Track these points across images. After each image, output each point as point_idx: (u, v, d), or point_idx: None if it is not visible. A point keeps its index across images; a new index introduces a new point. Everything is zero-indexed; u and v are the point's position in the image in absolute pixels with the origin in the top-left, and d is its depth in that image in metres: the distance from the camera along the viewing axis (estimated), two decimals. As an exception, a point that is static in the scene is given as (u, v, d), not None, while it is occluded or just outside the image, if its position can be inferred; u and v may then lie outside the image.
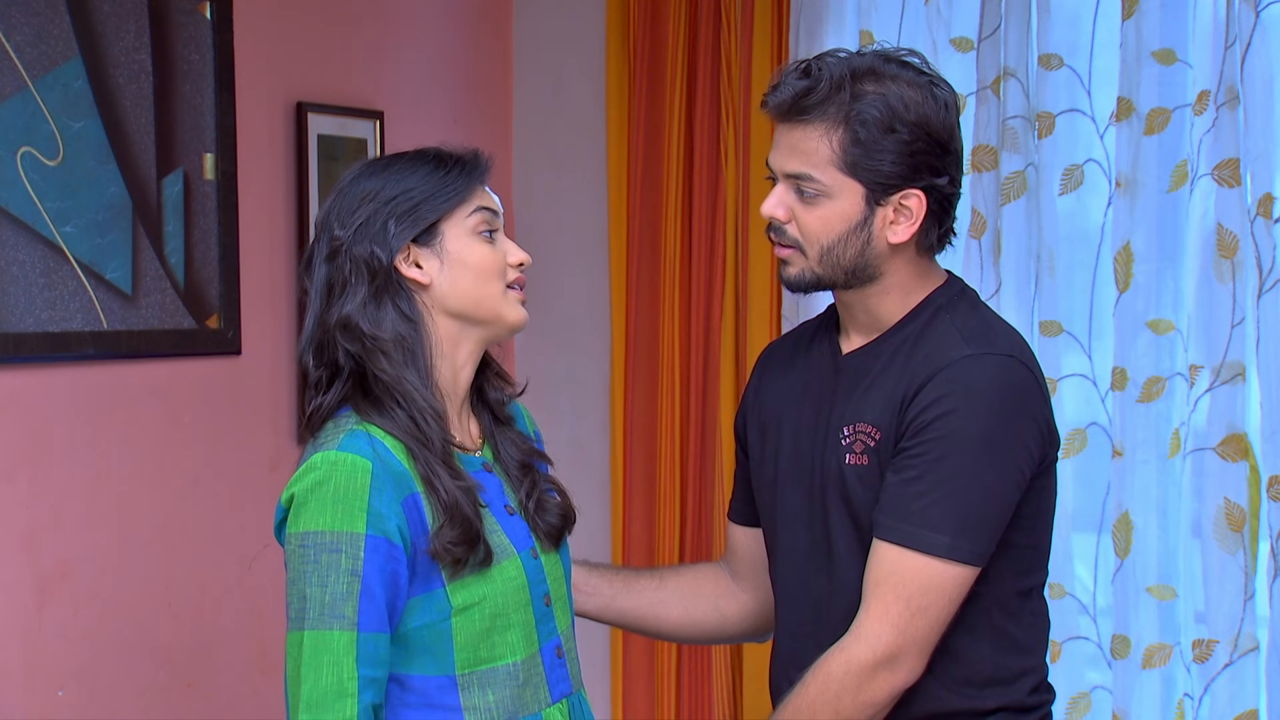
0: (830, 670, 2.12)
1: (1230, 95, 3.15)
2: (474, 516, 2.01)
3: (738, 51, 3.66)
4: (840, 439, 2.20)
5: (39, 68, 2.83)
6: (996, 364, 2.16)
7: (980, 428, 2.12)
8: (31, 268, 2.82)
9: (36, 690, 2.84)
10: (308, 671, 1.93)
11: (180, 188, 3.09)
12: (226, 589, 3.19)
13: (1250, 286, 3.15)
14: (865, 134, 2.12)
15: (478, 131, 3.88)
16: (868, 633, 2.11)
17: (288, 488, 2.00)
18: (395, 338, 2.03)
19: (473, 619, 2.02)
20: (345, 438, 2.00)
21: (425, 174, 2.07)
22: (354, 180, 2.10)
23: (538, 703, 2.07)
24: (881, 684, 2.11)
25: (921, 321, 2.21)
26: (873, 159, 2.13)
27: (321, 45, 3.47)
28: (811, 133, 2.14)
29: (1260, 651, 3.18)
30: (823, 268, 2.18)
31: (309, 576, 1.95)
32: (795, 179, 2.16)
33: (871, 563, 2.14)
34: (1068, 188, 3.37)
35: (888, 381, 2.19)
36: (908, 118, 2.13)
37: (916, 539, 2.10)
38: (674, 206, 3.75)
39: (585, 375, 3.94)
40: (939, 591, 2.11)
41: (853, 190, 2.14)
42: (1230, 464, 3.18)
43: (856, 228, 2.16)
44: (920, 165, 2.15)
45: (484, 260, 2.08)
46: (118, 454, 2.99)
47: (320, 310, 2.07)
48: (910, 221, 2.17)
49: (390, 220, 2.05)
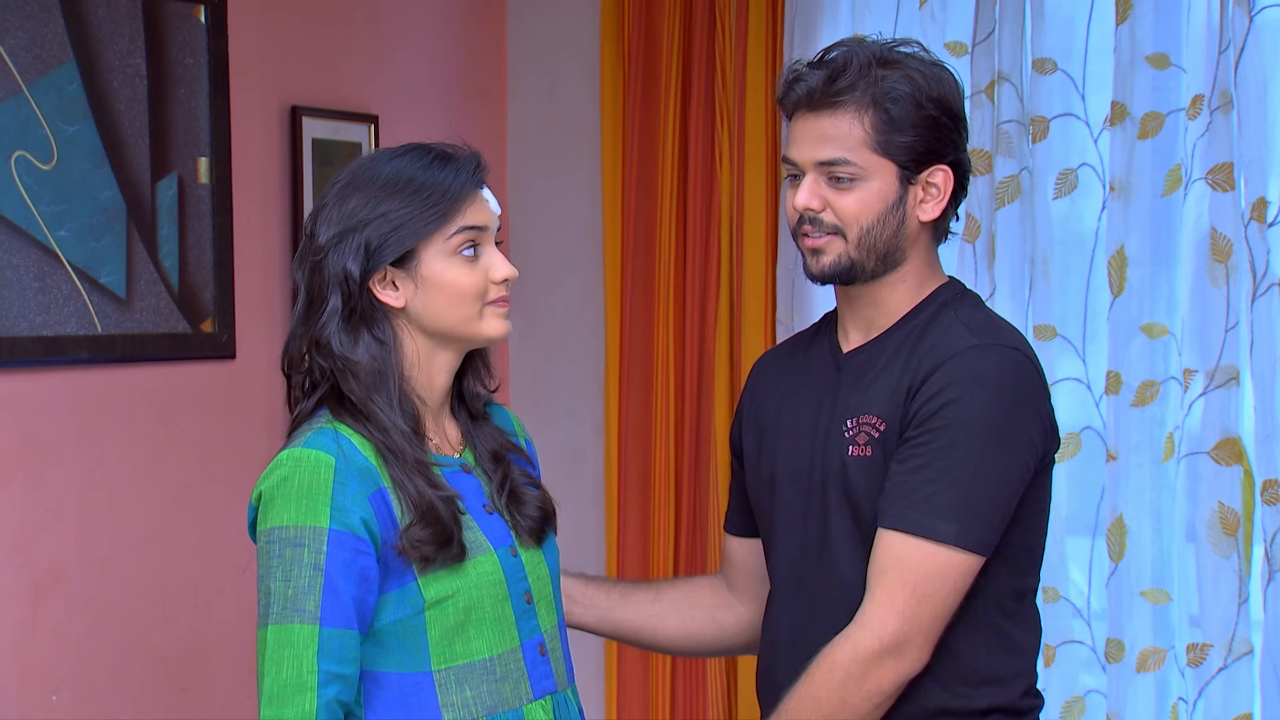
0: (836, 659, 2.12)
1: (1224, 99, 3.15)
2: (451, 523, 2.01)
3: (732, 55, 3.66)
4: (843, 432, 2.21)
5: (33, 72, 2.83)
6: (1003, 355, 2.18)
7: (987, 416, 2.13)
8: (25, 272, 2.82)
9: (30, 694, 2.84)
10: (270, 665, 1.93)
11: (174, 191, 3.09)
12: (220, 592, 3.19)
13: (1244, 290, 3.16)
14: (897, 111, 2.15)
15: (472, 135, 3.85)
16: (873, 620, 2.11)
17: (256, 486, 2.01)
18: (367, 360, 2.03)
19: (446, 613, 2.02)
20: (311, 435, 2.01)
21: (409, 195, 2.03)
22: (342, 188, 2.06)
23: (518, 698, 2.07)
24: (887, 672, 2.11)
25: (926, 316, 2.23)
26: (905, 136, 2.16)
27: (316, 49, 3.47)
28: (843, 116, 2.16)
29: (1254, 655, 3.18)
30: (859, 251, 2.19)
31: (274, 572, 1.95)
32: (828, 165, 2.17)
33: (877, 551, 2.14)
34: (1062, 192, 3.37)
35: (892, 374, 2.20)
36: (932, 94, 2.17)
37: (923, 526, 2.11)
38: (669, 210, 3.75)
39: (580, 379, 3.94)
40: (944, 579, 2.11)
41: (887, 170, 2.17)
42: (1224, 468, 3.18)
43: (893, 207, 2.18)
44: (945, 141, 2.19)
45: (459, 283, 2.05)
46: (112, 458, 2.99)
47: (299, 323, 2.07)
48: (939, 198, 2.20)
49: (366, 241, 2.02)
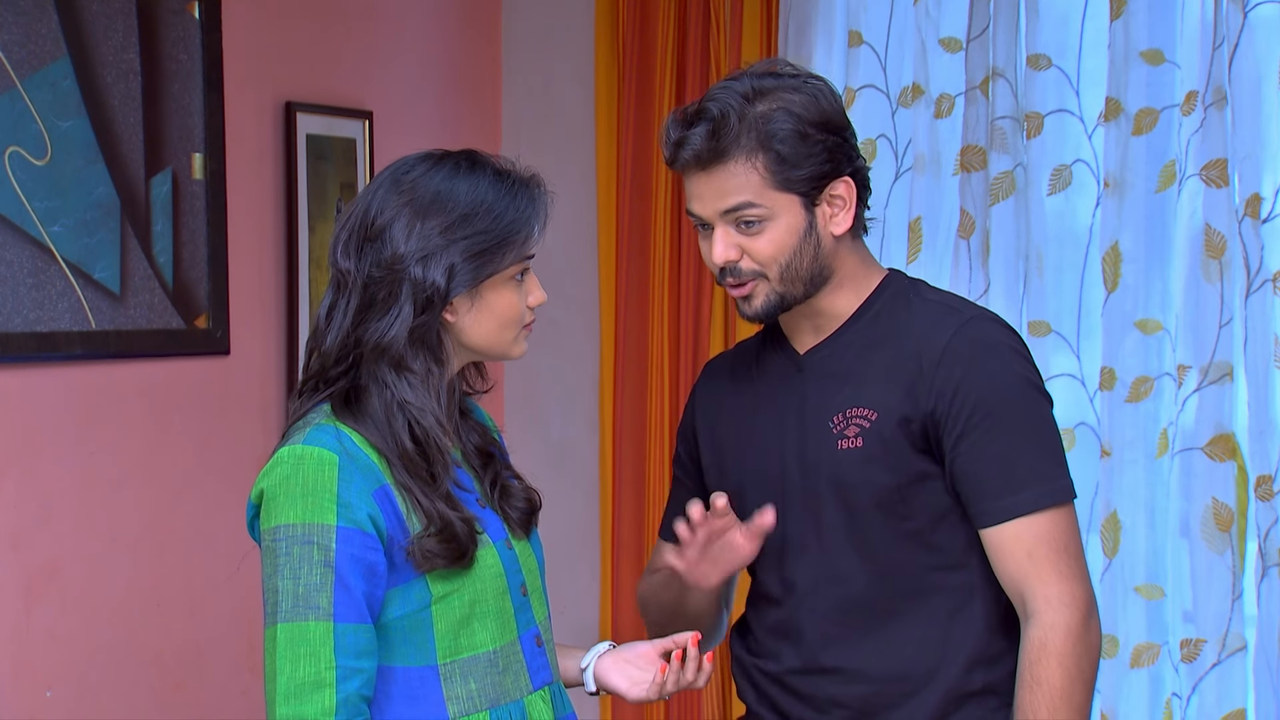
0: (1061, 651, 2.14)
1: (1218, 96, 3.16)
2: (465, 537, 2.02)
3: (727, 53, 3.66)
4: (829, 427, 2.22)
5: (27, 67, 2.83)
6: (993, 321, 2.25)
7: (1022, 376, 2.20)
8: (19, 267, 2.81)
9: (24, 691, 2.84)
10: (284, 664, 1.93)
11: (168, 187, 3.08)
12: (215, 589, 3.18)
13: (1238, 286, 3.16)
14: (785, 149, 2.18)
15: (466, 132, 3.88)
16: (1063, 596, 2.15)
17: (256, 484, 2.00)
18: (424, 372, 2.03)
19: (452, 606, 2.02)
20: (311, 431, 2.00)
21: (492, 221, 2.03)
22: (418, 202, 2.02)
23: (519, 690, 2.08)
24: (1096, 628, 2.17)
25: (878, 309, 2.26)
26: (800, 169, 2.18)
27: (310, 45, 3.46)
28: (736, 167, 2.19)
29: (1248, 651, 3.19)
30: (784, 285, 2.22)
31: (281, 570, 1.95)
32: (734, 212, 2.20)
33: (1007, 545, 2.16)
34: (1056, 188, 3.38)
35: (876, 365, 2.22)
36: (813, 120, 2.19)
37: (1045, 497, 2.16)
38: (663, 207, 3.75)
39: (574, 376, 3.94)
40: (1075, 528, 2.19)
41: (790, 203, 2.20)
42: (1218, 464, 3.18)
43: (805, 235, 2.21)
44: (838, 156, 2.21)
45: (510, 309, 2.07)
46: (106, 454, 2.99)
47: (354, 320, 2.03)
48: (847, 208, 2.23)
49: (459, 258, 2.01)
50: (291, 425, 2.06)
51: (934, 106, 3.47)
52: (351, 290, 2.03)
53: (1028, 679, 2.14)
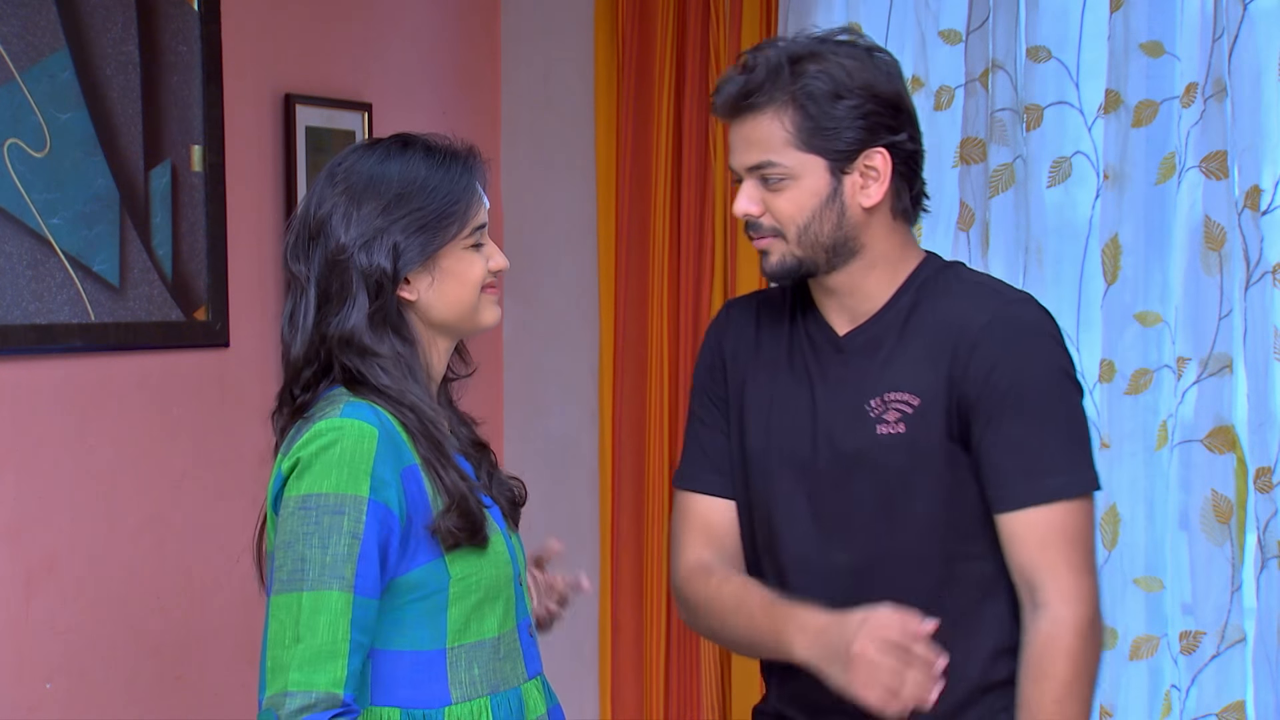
0: (1069, 645, 2.14)
1: (1218, 88, 3.15)
2: (479, 513, 2.04)
3: (726, 44, 3.66)
4: (867, 411, 2.20)
5: (26, 59, 2.83)
6: (1031, 304, 2.23)
7: (1056, 363, 2.18)
8: (18, 260, 2.81)
9: (24, 683, 2.84)
10: (305, 631, 1.93)
11: (168, 179, 3.08)
12: (214, 581, 3.18)
13: (1238, 278, 3.16)
14: (814, 107, 2.15)
15: (466, 123, 3.88)
16: (1072, 593, 2.14)
17: (291, 455, 1.99)
18: (392, 354, 2.04)
19: (469, 589, 2.04)
20: (347, 406, 2.00)
21: (432, 190, 2.05)
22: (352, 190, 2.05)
23: (516, 677, 2.10)
24: (1099, 625, 2.17)
25: (914, 294, 2.23)
26: (826, 129, 2.16)
27: (309, 37, 3.46)
28: (762, 120, 2.17)
29: (1247, 643, 3.19)
30: (802, 249, 2.19)
31: (309, 538, 1.95)
32: (758, 169, 2.19)
33: (1021, 531, 2.15)
34: (1056, 180, 3.37)
35: (916, 349, 2.19)
36: (852, 84, 2.16)
37: (1067, 487, 2.15)
38: (663, 199, 3.75)
39: (574, 368, 3.94)
40: (1092, 525, 2.18)
41: (815, 165, 2.17)
42: (1218, 456, 3.18)
43: (828, 201, 2.18)
44: (875, 126, 2.18)
45: (470, 273, 2.08)
46: (105, 447, 2.99)
47: (311, 319, 2.05)
48: (879, 181, 2.19)
49: (401, 237, 2.03)
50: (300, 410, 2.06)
51: (933, 98, 3.47)
52: (307, 290, 2.06)
53: (1034, 671, 2.14)
